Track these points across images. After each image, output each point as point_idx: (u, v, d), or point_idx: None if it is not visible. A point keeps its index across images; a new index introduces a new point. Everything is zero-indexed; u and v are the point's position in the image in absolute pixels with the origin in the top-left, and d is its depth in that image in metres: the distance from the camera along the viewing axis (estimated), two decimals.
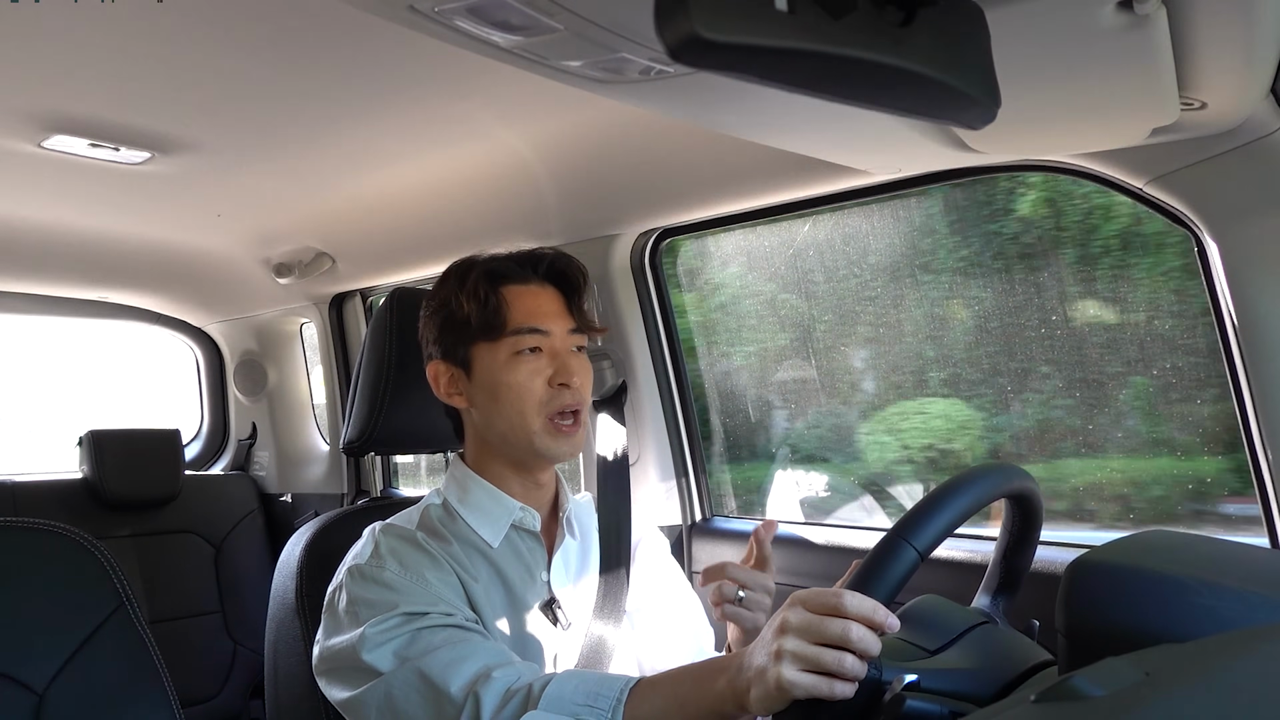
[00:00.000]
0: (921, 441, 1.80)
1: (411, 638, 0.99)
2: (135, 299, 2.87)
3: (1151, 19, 0.76)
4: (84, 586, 1.14)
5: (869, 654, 0.75)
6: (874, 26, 0.52)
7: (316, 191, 1.87)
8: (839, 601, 0.76)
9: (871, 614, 0.76)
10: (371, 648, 0.99)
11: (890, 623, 0.76)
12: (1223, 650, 0.59)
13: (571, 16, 0.71)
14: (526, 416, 1.14)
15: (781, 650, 0.77)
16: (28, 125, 1.42)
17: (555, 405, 1.14)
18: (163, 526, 2.61)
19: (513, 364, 1.14)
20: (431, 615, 1.02)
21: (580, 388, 1.15)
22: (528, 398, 1.13)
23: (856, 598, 0.76)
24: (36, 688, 1.06)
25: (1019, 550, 1.02)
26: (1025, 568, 1.03)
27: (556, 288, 1.19)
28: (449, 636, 1.00)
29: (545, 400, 1.14)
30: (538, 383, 1.14)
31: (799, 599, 0.79)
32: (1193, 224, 1.22)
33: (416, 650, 0.98)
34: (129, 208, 1.95)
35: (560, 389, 1.14)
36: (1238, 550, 0.78)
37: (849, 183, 1.53)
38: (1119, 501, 1.59)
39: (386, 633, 1.00)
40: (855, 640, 0.75)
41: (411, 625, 1.00)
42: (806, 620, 0.77)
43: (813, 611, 0.77)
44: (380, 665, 0.98)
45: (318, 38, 1.17)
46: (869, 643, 0.75)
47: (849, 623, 0.75)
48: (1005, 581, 1.04)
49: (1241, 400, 1.23)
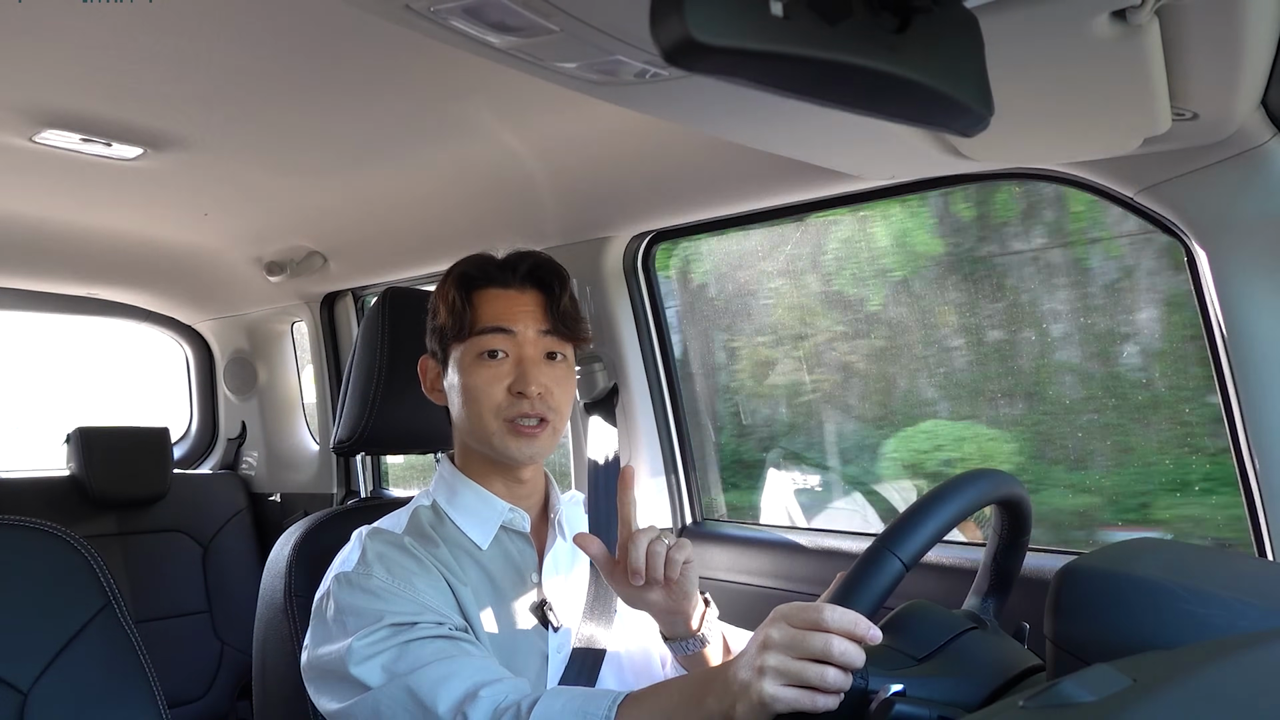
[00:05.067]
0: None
1: (400, 651, 0.99)
2: (126, 295, 2.86)
3: (1144, 29, 0.76)
4: (70, 585, 1.13)
5: (852, 667, 0.76)
6: (869, 33, 0.52)
7: (309, 190, 1.86)
8: (819, 616, 0.77)
9: (853, 627, 0.76)
10: (359, 660, 0.98)
11: (872, 634, 0.76)
12: (1210, 657, 0.59)
13: (567, 18, 0.71)
14: (484, 419, 1.14)
15: (764, 666, 0.78)
16: (20, 119, 1.41)
17: (512, 412, 1.13)
18: (150, 525, 2.60)
19: (474, 366, 1.15)
20: (420, 625, 1.01)
21: (543, 396, 1.14)
22: (485, 401, 1.14)
23: (837, 611, 0.77)
24: (21, 686, 1.05)
25: (1009, 553, 1.03)
26: (1016, 570, 1.03)
27: (538, 290, 1.19)
28: (437, 650, 0.99)
29: (503, 405, 1.14)
30: (497, 389, 1.14)
31: (781, 614, 0.80)
32: (1182, 233, 1.22)
33: (405, 665, 0.98)
34: (121, 203, 1.95)
35: (518, 397, 1.13)
36: (1225, 558, 0.78)
37: (842, 188, 1.54)
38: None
39: (374, 645, 0.99)
40: (837, 655, 0.75)
41: (399, 638, 1.00)
42: (789, 635, 0.77)
43: (795, 626, 0.78)
44: (368, 679, 0.98)
45: (313, 35, 1.17)
46: (851, 656, 0.76)
47: (830, 636, 0.76)
48: (996, 584, 1.04)
49: (1230, 409, 1.23)
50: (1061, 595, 0.74)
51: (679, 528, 1.93)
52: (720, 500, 2.03)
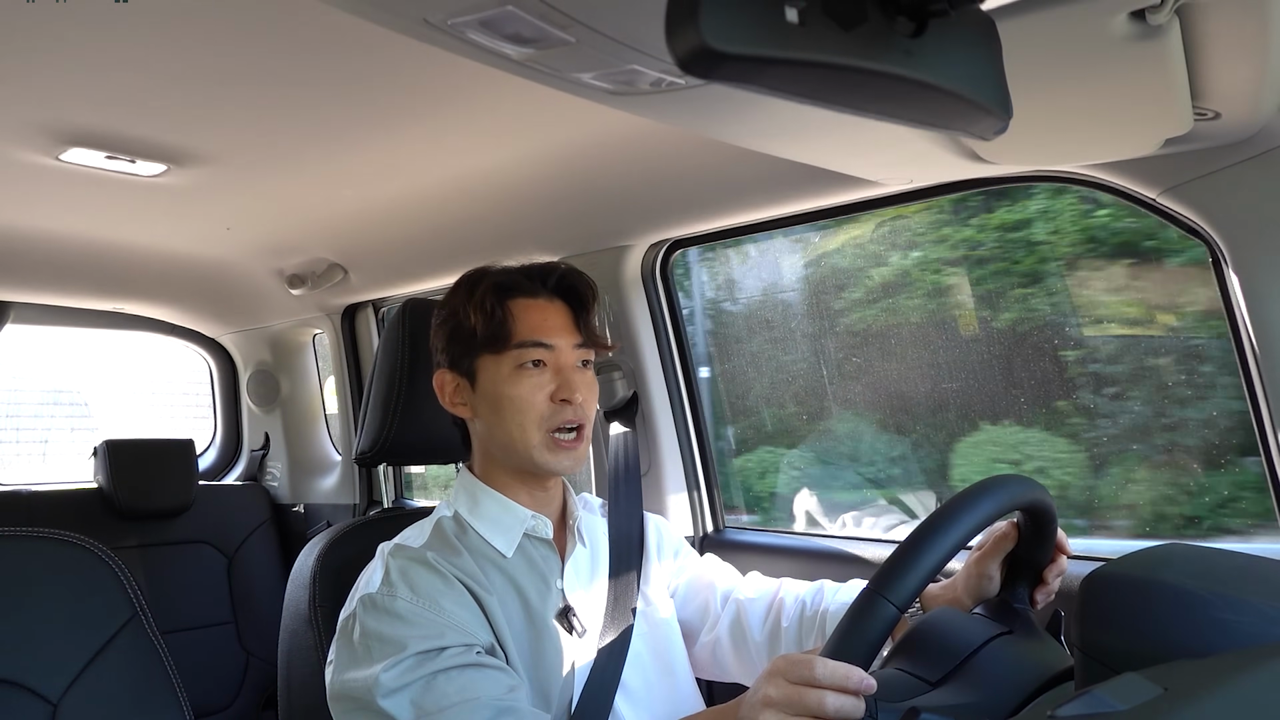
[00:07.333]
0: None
1: (426, 685, 0.99)
2: (150, 310, 2.89)
3: (1164, 29, 0.75)
4: (98, 596, 1.14)
5: (850, 718, 0.76)
6: (885, 37, 0.52)
7: (330, 203, 1.88)
8: (812, 673, 0.77)
9: (844, 682, 0.76)
10: (386, 693, 0.99)
11: (866, 685, 0.76)
12: (1243, 665, 0.58)
13: (582, 29, 0.71)
14: (527, 430, 1.14)
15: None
16: (45, 138, 1.43)
17: (556, 420, 1.14)
18: (176, 536, 2.63)
19: (516, 377, 1.15)
20: (446, 652, 1.02)
21: (583, 404, 1.15)
22: (529, 411, 1.14)
23: (829, 666, 0.77)
24: (51, 697, 1.07)
25: (1034, 546, 1.03)
26: (1046, 558, 1.03)
27: (565, 302, 1.20)
28: (462, 687, 0.99)
29: (547, 415, 1.14)
30: (540, 397, 1.14)
31: (777, 670, 0.80)
32: (1207, 234, 1.21)
33: (431, 702, 0.98)
34: (144, 219, 1.97)
35: (562, 405, 1.14)
36: (1257, 564, 0.77)
37: (860, 194, 1.53)
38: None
39: (401, 676, 1.00)
40: (832, 711, 0.75)
41: (426, 668, 1.00)
42: (785, 693, 0.78)
43: (791, 682, 0.78)
44: (397, 714, 0.98)
45: (332, 51, 1.18)
46: (847, 710, 0.76)
47: (824, 692, 0.76)
48: (1026, 572, 1.04)
49: (1258, 409, 1.22)
50: (1089, 603, 0.73)
51: (700, 536, 1.93)
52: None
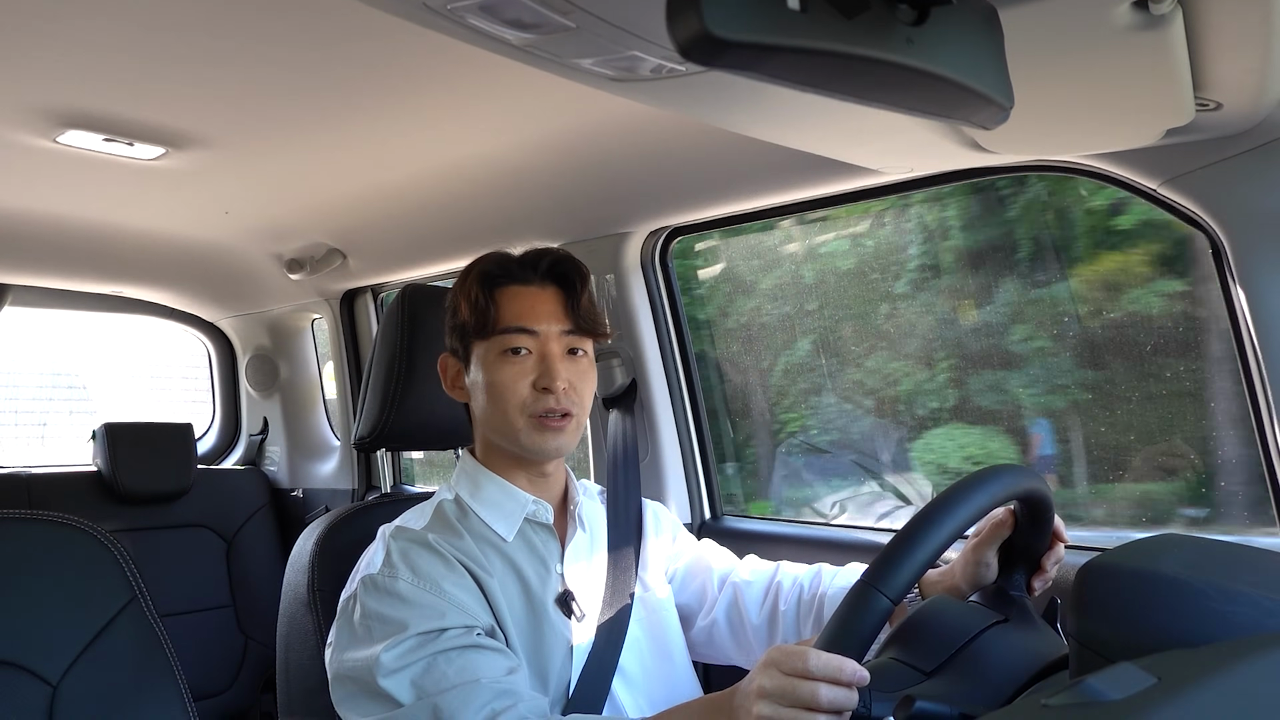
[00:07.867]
0: None
1: (427, 666, 1.00)
2: (149, 293, 2.89)
3: (1166, 19, 0.75)
4: (97, 579, 1.15)
5: (841, 711, 0.77)
6: (887, 26, 0.51)
7: (329, 188, 1.87)
8: (805, 664, 0.77)
9: (837, 674, 0.77)
10: (387, 673, 0.99)
11: (859, 678, 0.77)
12: (1237, 655, 0.58)
13: (583, 15, 0.71)
14: (510, 415, 1.15)
15: (759, 716, 0.79)
16: (43, 120, 1.43)
17: (538, 408, 1.15)
18: (175, 520, 2.63)
19: (499, 363, 1.16)
20: (447, 633, 1.02)
21: (567, 392, 1.15)
22: (511, 398, 1.15)
23: (822, 658, 0.77)
24: (50, 679, 1.07)
25: (1031, 534, 1.03)
26: (1043, 545, 1.04)
27: (558, 287, 1.20)
28: (462, 668, 1.00)
29: (529, 402, 1.15)
30: (522, 385, 1.15)
31: (771, 661, 0.81)
32: (1207, 226, 1.21)
33: (432, 683, 0.99)
34: (143, 203, 1.97)
35: (543, 393, 1.14)
36: (1253, 554, 0.77)
37: (860, 182, 1.53)
38: None
39: (402, 657, 1.00)
40: (825, 703, 0.76)
41: (427, 649, 1.01)
42: (778, 685, 0.78)
43: (784, 673, 0.79)
44: (398, 694, 0.99)
45: (332, 35, 1.18)
46: (840, 702, 0.76)
47: (817, 684, 0.76)
48: (1023, 558, 1.05)
49: (1256, 401, 1.22)
50: (1084, 592, 0.73)
51: (698, 523, 1.93)
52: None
